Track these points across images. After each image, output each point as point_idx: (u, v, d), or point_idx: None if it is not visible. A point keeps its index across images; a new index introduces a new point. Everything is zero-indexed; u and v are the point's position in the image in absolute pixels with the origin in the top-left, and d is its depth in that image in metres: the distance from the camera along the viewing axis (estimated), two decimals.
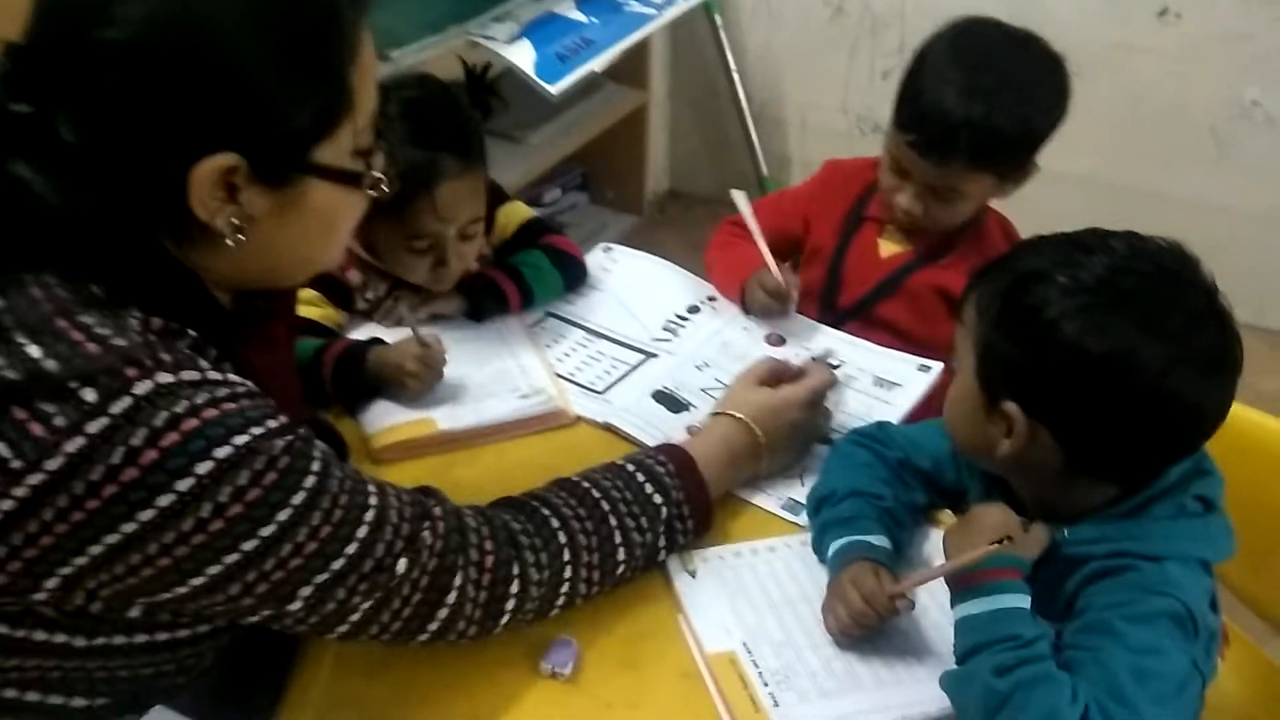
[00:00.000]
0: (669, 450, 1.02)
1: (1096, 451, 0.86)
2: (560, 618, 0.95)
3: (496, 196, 1.38)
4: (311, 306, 1.27)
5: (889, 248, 1.47)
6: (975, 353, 0.90)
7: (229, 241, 0.75)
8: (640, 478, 0.97)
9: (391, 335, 1.26)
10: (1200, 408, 0.84)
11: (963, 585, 0.86)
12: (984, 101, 1.27)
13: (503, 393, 1.22)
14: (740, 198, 1.41)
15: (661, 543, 0.98)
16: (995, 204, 1.46)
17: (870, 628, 0.91)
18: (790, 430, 1.10)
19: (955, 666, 0.86)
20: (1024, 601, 0.84)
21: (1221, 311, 0.85)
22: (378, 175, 0.82)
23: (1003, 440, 0.89)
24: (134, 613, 0.75)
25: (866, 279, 1.46)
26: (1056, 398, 0.85)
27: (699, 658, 0.92)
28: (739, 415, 1.06)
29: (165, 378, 0.70)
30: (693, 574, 1.00)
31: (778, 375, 1.13)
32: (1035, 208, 1.48)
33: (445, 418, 1.18)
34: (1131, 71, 2.50)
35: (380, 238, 1.27)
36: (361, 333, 1.29)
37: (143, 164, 0.72)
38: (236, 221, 0.75)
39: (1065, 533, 0.89)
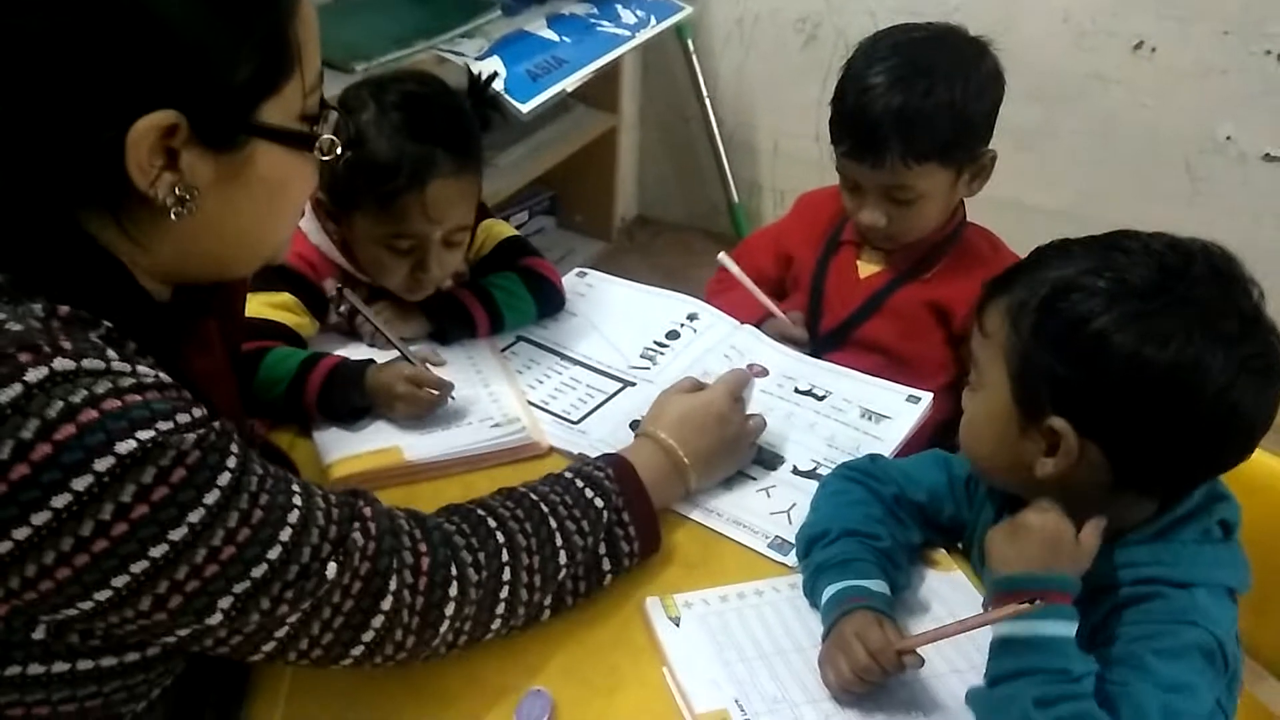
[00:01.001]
0: (607, 457, 0.99)
1: (1149, 466, 0.82)
2: (533, 667, 0.89)
3: (478, 212, 1.31)
4: (288, 313, 1.21)
5: (868, 268, 1.45)
6: (1009, 368, 0.85)
7: (172, 215, 0.70)
8: (579, 483, 0.94)
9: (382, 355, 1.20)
10: (1256, 415, 0.80)
11: (1006, 603, 0.80)
12: (902, 91, 1.26)
13: (474, 421, 1.15)
14: (728, 261, 1.43)
15: (603, 549, 0.93)
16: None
17: (873, 683, 0.85)
18: (718, 425, 1.06)
19: (982, 685, 0.82)
20: (1071, 630, 0.79)
21: (1265, 313, 0.80)
22: (329, 138, 0.77)
23: (1042, 459, 0.84)
24: (39, 634, 0.68)
25: (848, 301, 1.44)
26: (1113, 413, 0.80)
27: (689, 718, 0.85)
28: (658, 433, 1.04)
29: (64, 364, 0.63)
30: (676, 621, 0.93)
31: (698, 387, 1.11)
32: (1008, 239, 1.45)
33: (412, 446, 1.11)
34: (1106, 105, 2.49)
35: (361, 232, 1.21)
36: (325, 346, 1.23)
37: (76, 129, 0.66)
38: (179, 191, 0.69)
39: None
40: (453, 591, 0.81)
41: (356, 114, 1.14)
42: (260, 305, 1.18)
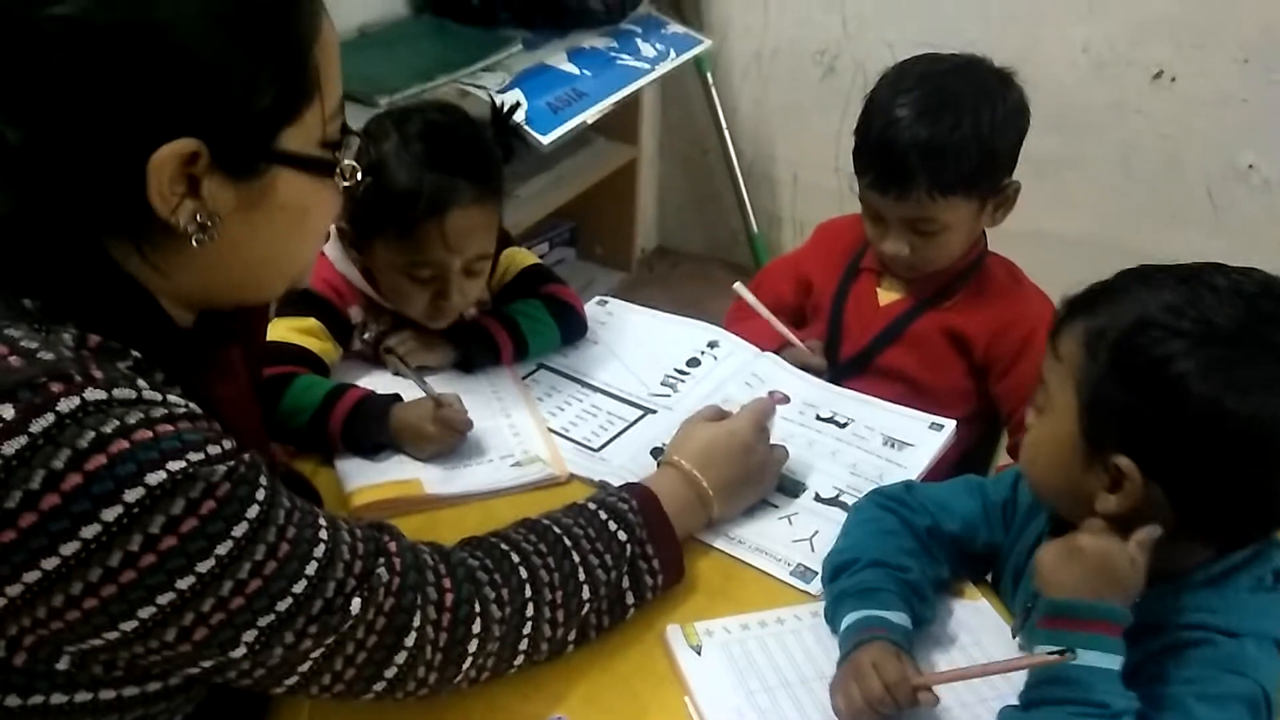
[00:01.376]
0: (630, 487, 0.98)
1: (1214, 515, 0.80)
2: (555, 695, 0.88)
3: (500, 240, 1.32)
4: (313, 338, 1.21)
5: (888, 295, 1.45)
6: (1080, 397, 0.82)
7: (193, 242, 0.70)
8: (602, 515, 0.93)
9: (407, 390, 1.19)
10: None
11: (1052, 627, 0.78)
12: (929, 124, 1.25)
13: (495, 458, 1.15)
14: (744, 290, 1.42)
15: (626, 582, 0.92)
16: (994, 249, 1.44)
17: (885, 716, 0.83)
18: (742, 455, 1.05)
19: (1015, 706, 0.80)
20: (1116, 663, 0.77)
21: None
22: (350, 164, 0.76)
23: (1104, 494, 0.81)
24: (63, 664, 0.68)
25: (868, 328, 1.44)
26: (1183, 460, 0.77)
27: None
28: (681, 462, 1.03)
29: (95, 394, 0.63)
30: (697, 650, 0.92)
31: (721, 415, 1.10)
32: (1030, 269, 1.45)
33: (433, 481, 1.11)
34: (1127, 134, 2.49)
35: (382, 260, 1.21)
36: (349, 375, 1.24)
37: (97, 157, 0.66)
38: (200, 219, 0.69)
39: (1139, 600, 0.82)
40: (476, 629, 0.81)
41: (379, 143, 1.15)
42: (286, 330, 1.18)
